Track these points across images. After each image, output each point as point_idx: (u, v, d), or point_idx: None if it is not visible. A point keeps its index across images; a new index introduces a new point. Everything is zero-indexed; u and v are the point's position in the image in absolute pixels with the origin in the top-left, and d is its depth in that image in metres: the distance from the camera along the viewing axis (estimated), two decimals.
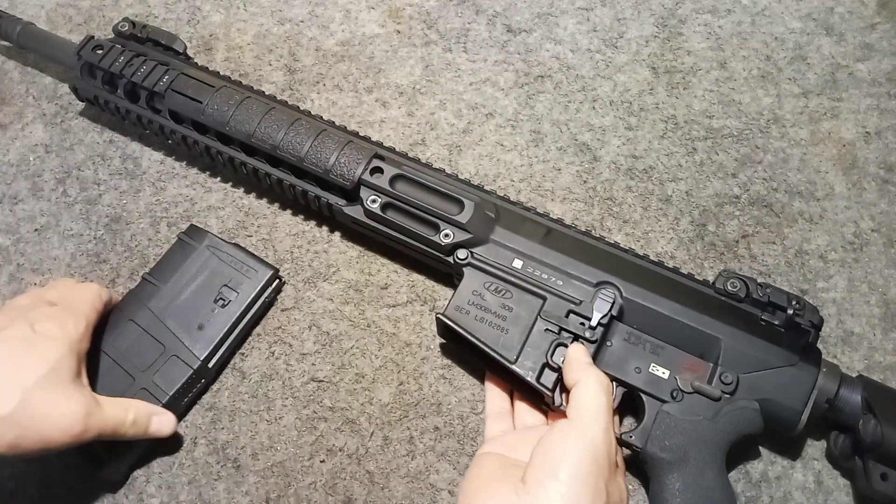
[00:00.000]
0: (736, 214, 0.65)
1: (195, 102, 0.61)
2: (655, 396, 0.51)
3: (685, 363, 0.52)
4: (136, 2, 0.77)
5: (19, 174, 0.68)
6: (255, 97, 0.61)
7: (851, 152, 0.68)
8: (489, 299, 0.54)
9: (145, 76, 0.62)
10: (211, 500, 0.55)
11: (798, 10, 0.76)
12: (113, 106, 0.65)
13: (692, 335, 0.52)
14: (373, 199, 0.57)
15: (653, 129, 0.69)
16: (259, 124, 0.59)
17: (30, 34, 0.68)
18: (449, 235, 0.56)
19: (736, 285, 0.53)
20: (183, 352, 0.56)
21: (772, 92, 0.71)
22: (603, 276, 0.54)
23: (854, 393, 0.51)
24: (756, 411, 0.51)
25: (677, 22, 0.75)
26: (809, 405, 0.50)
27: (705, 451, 0.50)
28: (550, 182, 0.67)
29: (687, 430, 0.50)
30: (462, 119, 0.70)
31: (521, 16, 0.75)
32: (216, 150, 0.62)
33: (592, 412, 0.47)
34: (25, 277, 0.63)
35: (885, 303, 0.61)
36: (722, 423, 0.50)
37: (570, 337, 0.52)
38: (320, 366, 0.59)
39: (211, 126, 0.61)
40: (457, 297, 0.54)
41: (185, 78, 0.62)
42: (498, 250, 0.56)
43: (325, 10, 0.76)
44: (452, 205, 0.56)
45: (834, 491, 0.55)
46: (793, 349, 0.52)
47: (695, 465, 0.49)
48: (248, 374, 0.59)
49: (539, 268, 0.55)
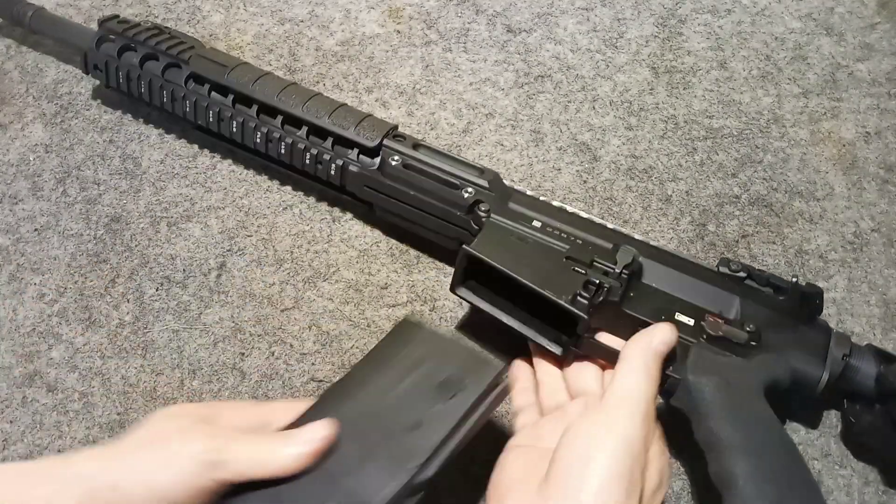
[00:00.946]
0: (736, 214, 0.65)
1: (220, 66, 0.62)
2: (686, 337, 0.51)
3: (708, 316, 0.52)
4: (136, 2, 0.77)
5: (19, 174, 0.68)
6: (275, 76, 0.63)
7: (851, 152, 0.68)
8: (513, 244, 0.54)
9: (170, 46, 0.64)
10: None
11: (798, 10, 0.76)
12: (124, 73, 0.65)
13: (709, 293, 0.53)
14: (395, 159, 0.58)
15: (653, 129, 0.69)
16: (281, 92, 0.61)
17: (42, 18, 0.69)
18: (470, 192, 0.56)
19: (738, 266, 0.54)
20: (395, 453, 0.41)
21: (772, 92, 0.71)
22: (619, 241, 0.55)
23: (865, 356, 0.52)
24: (782, 359, 0.51)
25: (677, 22, 0.75)
26: (830, 359, 0.51)
27: (744, 382, 0.49)
28: (550, 182, 0.67)
29: (723, 364, 0.50)
30: (462, 119, 0.70)
31: (521, 16, 0.75)
32: (230, 114, 0.62)
33: (632, 403, 0.42)
34: (25, 277, 0.63)
35: (885, 303, 0.61)
36: (754, 364, 0.50)
37: (597, 278, 0.51)
38: (320, 366, 0.59)
39: (233, 87, 0.62)
40: (482, 236, 0.54)
41: (209, 50, 0.64)
42: (516, 213, 0.56)
43: (325, 10, 0.76)
44: (473, 171, 0.58)
45: (834, 491, 0.55)
46: (802, 312, 0.53)
47: (738, 391, 0.48)
48: (248, 374, 0.59)
49: (558, 228, 0.55)
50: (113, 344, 0.60)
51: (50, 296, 0.62)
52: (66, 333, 0.61)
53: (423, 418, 0.42)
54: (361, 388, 0.44)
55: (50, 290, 0.63)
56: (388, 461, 0.40)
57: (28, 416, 0.58)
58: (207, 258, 0.63)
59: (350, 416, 0.41)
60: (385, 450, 0.40)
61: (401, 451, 0.40)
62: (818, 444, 0.56)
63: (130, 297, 0.62)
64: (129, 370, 0.59)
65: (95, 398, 0.58)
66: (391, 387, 0.44)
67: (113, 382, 0.59)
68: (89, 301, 0.62)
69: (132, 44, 0.65)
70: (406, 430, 0.41)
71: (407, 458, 0.39)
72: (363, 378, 0.45)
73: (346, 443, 0.40)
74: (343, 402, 0.43)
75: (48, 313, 0.62)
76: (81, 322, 0.61)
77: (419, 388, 0.43)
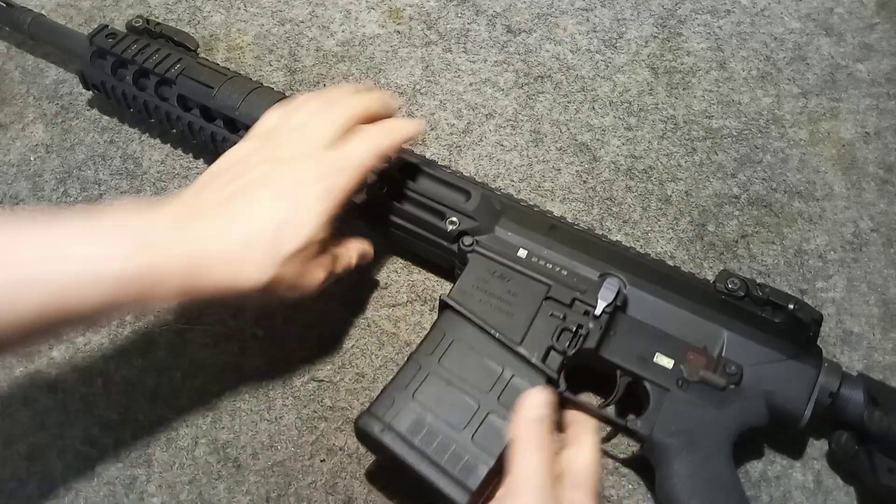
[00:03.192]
0: (735, 214, 0.65)
1: (206, 87, 0.61)
2: (660, 385, 0.51)
3: (689, 354, 0.52)
4: (137, 2, 0.77)
5: (20, 174, 0.68)
6: (266, 88, 0.62)
7: (851, 152, 0.68)
8: (494, 284, 0.54)
9: (157, 63, 0.63)
10: (211, 499, 0.55)
11: (797, 11, 0.76)
12: (120, 92, 0.65)
13: (695, 326, 0.52)
14: (379, 186, 0.57)
15: (652, 129, 0.69)
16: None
17: (41, 24, 0.69)
18: (455, 223, 0.56)
19: (735, 283, 0.53)
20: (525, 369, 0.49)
21: (771, 92, 0.71)
22: (607, 268, 0.54)
23: (856, 388, 0.51)
24: (761, 403, 0.50)
25: (677, 22, 0.75)
26: (813, 398, 0.50)
27: (711, 440, 0.49)
28: (550, 182, 0.67)
29: (694, 416, 0.50)
30: (462, 119, 0.70)
31: (521, 16, 0.75)
32: (223, 137, 0.62)
33: (531, 486, 0.42)
34: None
35: (884, 303, 0.62)
36: (728, 413, 0.50)
37: (574, 324, 0.52)
38: (320, 366, 0.59)
39: (220, 111, 0.61)
40: (461, 282, 0.54)
41: (197, 66, 0.63)
42: (503, 241, 0.56)
43: (326, 10, 0.76)
44: (459, 194, 0.57)
45: (833, 491, 0.55)
46: (794, 344, 0.52)
47: (702, 453, 0.49)
48: (248, 374, 0.59)
49: (544, 258, 0.55)
50: (113, 344, 0.60)
51: None
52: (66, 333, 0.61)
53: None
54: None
55: None
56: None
57: (28, 416, 0.58)
58: None
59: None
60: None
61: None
62: (818, 444, 0.56)
63: None
64: (130, 370, 0.59)
65: (96, 398, 0.58)
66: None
67: (114, 382, 0.59)
68: None
69: (124, 61, 0.64)
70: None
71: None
72: None
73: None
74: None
75: None
76: None
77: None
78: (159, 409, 0.58)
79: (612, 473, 0.56)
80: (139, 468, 0.56)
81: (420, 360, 0.51)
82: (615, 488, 0.55)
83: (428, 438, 0.47)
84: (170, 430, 0.57)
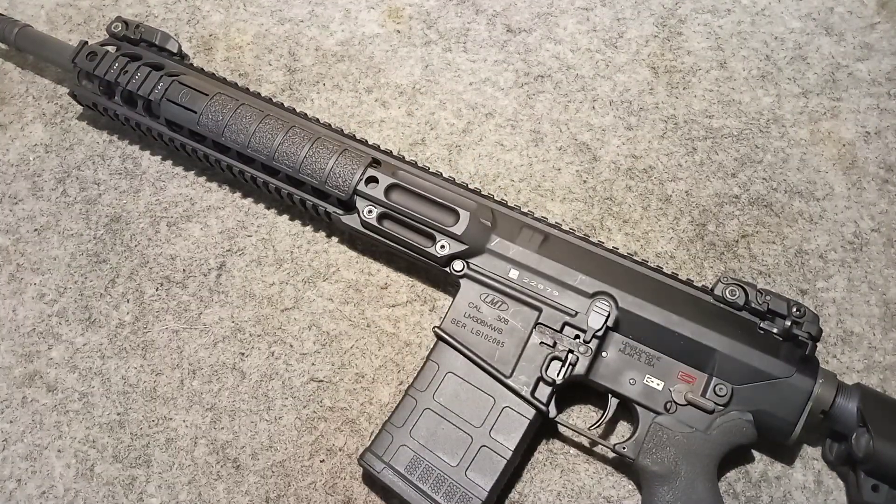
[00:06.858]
0: (736, 214, 0.65)
1: (190, 112, 0.61)
2: (649, 408, 0.52)
3: (680, 374, 0.52)
4: (136, 2, 0.77)
5: (19, 174, 0.68)
6: (249, 104, 0.61)
7: (851, 152, 0.68)
8: (485, 311, 0.55)
9: (139, 84, 0.62)
10: (211, 499, 0.55)
11: (798, 10, 0.76)
12: (112, 112, 0.65)
13: (688, 346, 0.52)
14: (369, 210, 0.57)
15: (653, 128, 0.69)
16: (254, 134, 0.59)
17: (27, 37, 0.68)
18: (445, 247, 0.56)
19: (735, 293, 0.53)
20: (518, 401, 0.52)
21: (772, 92, 0.71)
22: (599, 286, 0.54)
23: (850, 402, 0.51)
24: (749, 423, 0.51)
25: (677, 22, 0.75)
26: (803, 417, 0.50)
27: (697, 464, 0.50)
28: (550, 182, 0.67)
29: (679, 442, 0.51)
30: (462, 119, 0.70)
31: (521, 16, 0.75)
32: (214, 158, 0.62)
33: None
34: (25, 277, 0.63)
35: (884, 303, 0.61)
36: (715, 435, 0.51)
37: (564, 350, 0.53)
38: (320, 366, 0.59)
39: (207, 136, 0.61)
40: (453, 309, 0.55)
41: (178, 86, 0.61)
42: (494, 261, 0.56)
43: (325, 9, 0.76)
44: (448, 215, 0.56)
45: (833, 491, 0.55)
46: (790, 360, 0.52)
47: (686, 478, 0.50)
48: (248, 374, 0.59)
49: (535, 278, 0.55)
50: (113, 344, 0.60)
51: (50, 296, 0.62)
52: (65, 333, 0.61)
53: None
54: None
55: (50, 290, 0.63)
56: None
57: (28, 416, 0.58)
58: (207, 258, 0.64)
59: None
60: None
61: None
62: (818, 444, 0.56)
63: (130, 297, 0.62)
64: (129, 370, 0.59)
65: (95, 398, 0.58)
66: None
67: (113, 382, 0.59)
68: (89, 301, 0.62)
69: (109, 82, 0.63)
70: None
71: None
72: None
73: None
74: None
75: (48, 313, 0.62)
76: (81, 322, 0.61)
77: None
78: (159, 409, 0.58)
79: (613, 474, 0.56)
80: (139, 468, 0.56)
81: (416, 395, 0.53)
82: (615, 488, 0.55)
83: (425, 475, 0.51)
84: (169, 430, 0.57)
